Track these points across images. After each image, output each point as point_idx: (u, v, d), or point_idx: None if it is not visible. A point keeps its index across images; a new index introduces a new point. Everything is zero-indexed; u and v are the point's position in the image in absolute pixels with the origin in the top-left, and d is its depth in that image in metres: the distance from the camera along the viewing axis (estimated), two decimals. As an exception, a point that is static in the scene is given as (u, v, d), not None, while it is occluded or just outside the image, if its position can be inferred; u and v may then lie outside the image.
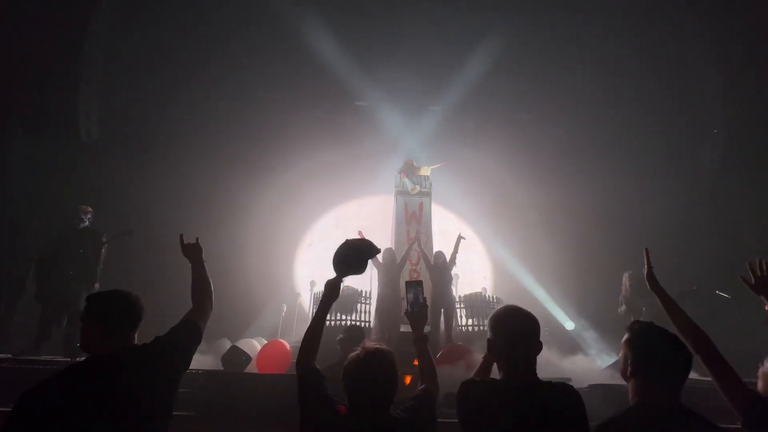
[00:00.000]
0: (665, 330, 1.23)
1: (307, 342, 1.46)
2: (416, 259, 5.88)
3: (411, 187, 6.36)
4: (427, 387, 1.44)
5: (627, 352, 1.23)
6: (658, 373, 1.17)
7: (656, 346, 1.19)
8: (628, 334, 1.26)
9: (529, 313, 1.30)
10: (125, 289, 1.46)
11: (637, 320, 1.30)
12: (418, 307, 1.62)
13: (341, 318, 5.29)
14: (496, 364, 1.34)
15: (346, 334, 2.59)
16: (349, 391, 1.25)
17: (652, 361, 1.17)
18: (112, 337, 1.34)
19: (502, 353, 1.27)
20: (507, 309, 1.34)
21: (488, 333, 1.33)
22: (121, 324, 1.38)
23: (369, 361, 1.25)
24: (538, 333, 1.27)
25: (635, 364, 1.19)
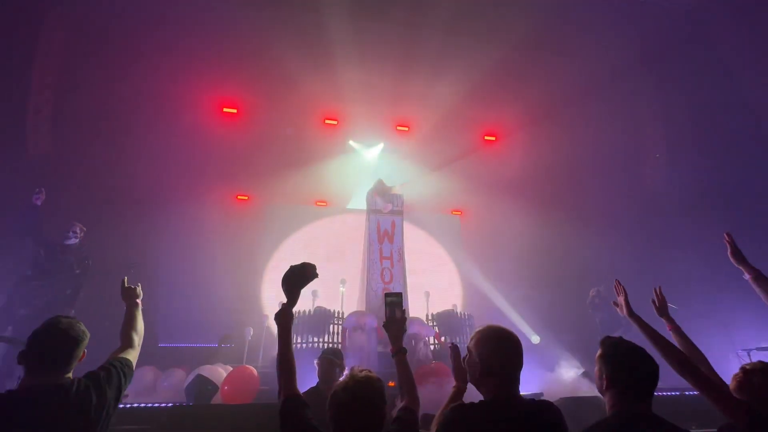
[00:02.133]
0: (634, 344, 1.33)
1: (281, 373, 1.38)
2: (389, 278, 5.89)
3: (383, 206, 6.42)
4: (408, 404, 1.41)
5: (602, 367, 1.31)
6: (631, 385, 1.25)
7: (628, 359, 1.28)
8: (601, 349, 1.35)
9: (511, 331, 1.33)
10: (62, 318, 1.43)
11: (608, 335, 1.39)
12: (397, 321, 1.60)
13: (314, 340, 5.14)
14: (475, 386, 1.33)
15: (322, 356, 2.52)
16: (335, 419, 1.20)
17: (624, 374, 1.26)
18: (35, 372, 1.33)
19: (489, 373, 1.27)
20: (492, 329, 1.35)
21: (469, 354, 1.34)
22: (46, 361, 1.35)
23: (354, 387, 1.20)
24: (521, 350, 1.31)
25: (610, 378, 1.27)
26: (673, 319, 1.84)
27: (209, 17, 6.68)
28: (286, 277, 1.51)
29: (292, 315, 1.49)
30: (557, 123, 8.29)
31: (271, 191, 8.56)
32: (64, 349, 1.34)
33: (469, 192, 9.01)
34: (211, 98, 7.72)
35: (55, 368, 1.33)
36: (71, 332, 1.37)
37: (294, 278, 1.50)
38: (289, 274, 1.51)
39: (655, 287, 1.93)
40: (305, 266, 1.53)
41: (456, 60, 7.45)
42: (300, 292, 1.51)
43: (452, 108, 8.11)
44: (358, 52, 7.24)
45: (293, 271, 1.52)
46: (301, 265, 1.53)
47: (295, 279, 1.50)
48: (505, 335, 1.32)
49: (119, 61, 6.64)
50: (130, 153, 6.93)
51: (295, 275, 1.51)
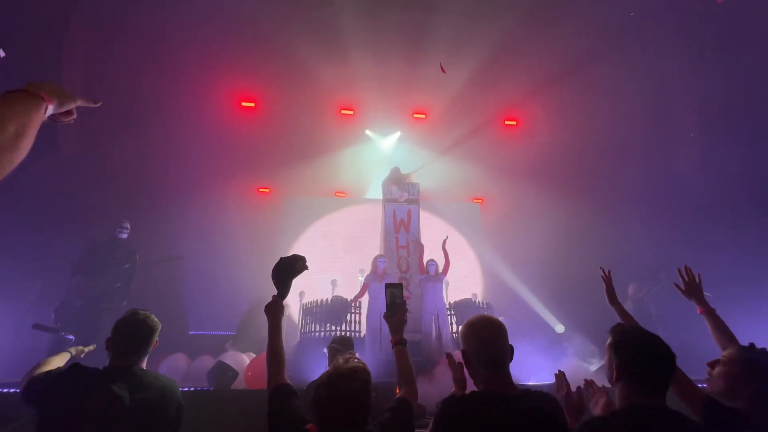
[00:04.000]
0: (648, 332, 1.24)
1: (270, 363, 1.40)
2: (406, 267, 5.88)
3: (399, 195, 6.38)
4: (404, 395, 1.40)
5: (612, 356, 1.23)
6: (643, 377, 1.17)
7: (640, 348, 1.19)
8: (611, 337, 1.26)
9: (497, 319, 1.31)
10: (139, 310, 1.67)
11: (619, 323, 1.31)
12: (396, 310, 1.58)
13: (332, 329, 5.23)
14: (471, 377, 1.31)
15: (330, 345, 2.56)
16: (317, 412, 1.18)
17: (636, 364, 1.17)
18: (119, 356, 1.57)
19: (475, 363, 1.24)
20: (472, 319, 1.33)
21: (461, 344, 1.32)
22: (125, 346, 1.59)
23: (335, 381, 1.18)
24: (506, 338, 1.26)
25: (621, 368, 1.19)
26: (705, 302, 1.70)
27: (226, 17, 6.77)
28: (275, 269, 1.51)
29: (282, 307, 1.49)
30: (583, 102, 7.89)
31: (291, 183, 8.70)
32: (142, 337, 1.59)
33: (490, 179, 8.80)
34: (230, 93, 7.86)
35: (135, 352, 1.58)
36: (148, 322, 1.62)
37: (283, 270, 1.50)
38: (279, 266, 1.51)
39: (682, 266, 1.80)
40: (295, 258, 1.53)
41: (472, 42, 7.20)
42: (290, 283, 1.51)
43: (470, 93, 7.89)
44: (372, 40, 7.14)
45: (282, 263, 1.51)
46: (291, 257, 1.53)
47: (284, 271, 1.50)
48: (484, 323, 1.28)
49: (142, 62, 6.86)
50: (155, 150, 7.20)
51: (284, 267, 1.51)
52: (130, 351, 1.56)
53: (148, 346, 1.61)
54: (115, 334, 1.58)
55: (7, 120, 0.55)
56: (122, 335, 1.58)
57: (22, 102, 0.60)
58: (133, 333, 1.58)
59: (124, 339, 1.57)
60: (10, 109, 0.57)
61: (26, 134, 0.57)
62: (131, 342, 1.57)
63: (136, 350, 1.58)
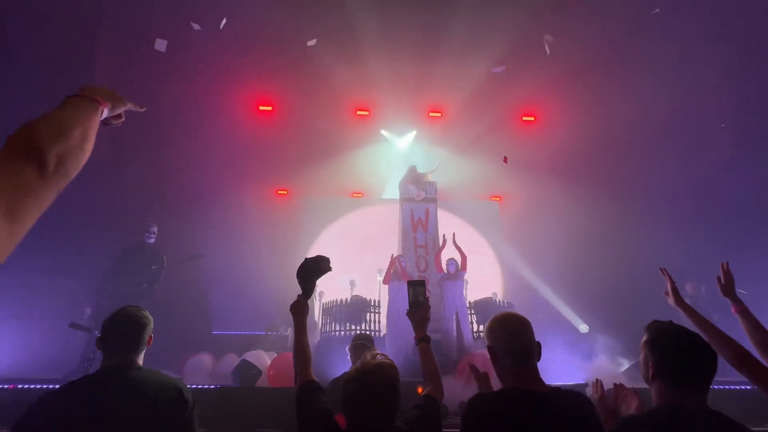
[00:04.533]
0: (685, 328, 1.18)
1: (297, 361, 1.42)
2: (424, 266, 5.85)
3: (416, 194, 6.35)
4: (430, 393, 1.39)
5: (647, 354, 1.19)
6: (681, 375, 1.12)
7: (678, 346, 1.15)
8: (647, 334, 1.22)
9: (521, 316, 1.31)
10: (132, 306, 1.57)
11: (655, 320, 1.25)
12: (419, 308, 1.58)
13: (352, 328, 5.26)
14: (498, 375, 1.30)
15: (353, 343, 2.59)
16: (347, 407, 1.20)
17: (674, 362, 1.13)
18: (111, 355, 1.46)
19: (504, 357, 1.23)
20: (497, 316, 1.33)
21: (486, 341, 1.32)
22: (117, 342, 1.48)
23: (363, 376, 1.19)
24: (532, 333, 1.26)
25: (657, 366, 1.15)
26: (740, 300, 1.62)
27: (242, 24, 6.92)
28: (300, 270, 1.53)
29: (307, 306, 1.52)
30: (605, 96, 7.64)
31: (308, 184, 8.80)
32: (131, 333, 1.48)
33: (508, 177, 8.65)
34: (248, 98, 8.03)
35: (126, 350, 1.47)
36: (135, 317, 1.51)
37: (308, 270, 1.53)
38: (303, 267, 1.53)
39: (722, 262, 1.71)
40: (319, 259, 1.55)
41: (488, 37, 7.10)
42: (314, 283, 1.54)
43: (487, 89, 7.79)
44: (386, 40, 7.16)
45: (307, 263, 1.54)
46: (315, 258, 1.55)
47: (308, 271, 1.52)
48: (509, 317, 1.29)
49: (163, 71, 7.10)
50: (178, 155, 7.42)
51: (309, 268, 1.53)
52: (121, 349, 1.46)
53: (141, 342, 1.49)
54: (104, 333, 1.48)
55: (74, 124, 0.58)
56: (111, 333, 1.47)
57: (83, 106, 0.63)
58: (122, 330, 1.48)
59: (113, 337, 1.47)
60: (75, 114, 0.60)
61: (89, 137, 0.61)
62: (121, 340, 1.47)
63: (127, 348, 1.46)
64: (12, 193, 0.44)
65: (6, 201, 0.42)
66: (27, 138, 0.51)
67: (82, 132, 0.58)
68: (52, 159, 0.51)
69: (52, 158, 0.51)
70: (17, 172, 0.46)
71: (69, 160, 0.54)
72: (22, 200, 0.45)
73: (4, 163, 0.47)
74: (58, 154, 0.52)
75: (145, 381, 1.40)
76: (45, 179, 0.49)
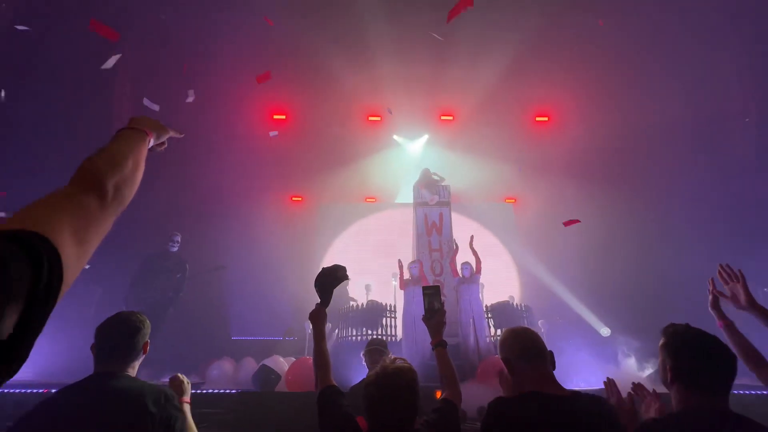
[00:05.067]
0: (703, 331, 1.16)
1: (317, 368, 1.46)
2: (439, 271, 5.82)
3: (430, 198, 6.35)
4: (448, 396, 1.40)
5: (665, 358, 1.17)
6: (700, 378, 1.10)
7: (696, 349, 1.13)
8: (664, 338, 1.20)
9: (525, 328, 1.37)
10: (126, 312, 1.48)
11: (672, 323, 1.23)
12: (435, 313, 1.59)
13: (368, 333, 5.27)
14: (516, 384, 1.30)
15: (368, 348, 2.62)
16: (368, 411, 1.22)
17: (692, 365, 1.11)
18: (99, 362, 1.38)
19: (519, 363, 1.26)
20: (508, 329, 1.40)
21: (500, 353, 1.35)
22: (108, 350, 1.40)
23: (383, 380, 1.21)
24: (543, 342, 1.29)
25: (675, 370, 1.13)
26: (724, 315, 1.54)
27: (255, 35, 7.11)
28: (318, 279, 1.57)
29: (325, 315, 1.55)
30: (620, 92, 7.47)
31: (322, 191, 8.91)
32: (122, 339, 1.39)
33: (522, 178, 8.56)
34: (262, 107, 8.21)
35: (117, 357, 1.38)
36: (130, 322, 1.42)
37: (325, 280, 1.56)
38: (321, 276, 1.57)
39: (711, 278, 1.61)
40: (336, 268, 1.58)
41: (500, 38, 7.06)
42: (332, 292, 1.57)
43: (498, 90, 7.74)
44: (396, 44, 7.21)
45: (324, 273, 1.57)
46: (332, 267, 1.59)
47: (325, 280, 1.56)
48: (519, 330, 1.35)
49: (181, 87, 7.36)
50: (197, 166, 7.64)
51: (326, 277, 1.56)
52: (109, 356, 1.37)
53: (132, 349, 1.39)
54: (96, 338, 1.39)
55: (127, 155, 0.64)
56: (101, 338, 1.39)
57: (133, 138, 0.70)
58: (113, 335, 1.39)
59: (104, 342, 1.38)
60: (127, 146, 0.67)
61: (140, 165, 0.67)
62: (111, 346, 1.38)
63: (116, 355, 1.37)
64: (80, 221, 0.49)
65: (75, 228, 0.47)
66: (88, 171, 0.57)
67: (134, 162, 0.65)
68: (110, 188, 0.57)
69: (110, 188, 0.57)
70: (82, 202, 0.52)
71: (124, 188, 0.60)
72: (88, 227, 0.50)
73: (71, 195, 0.52)
74: (115, 184, 0.58)
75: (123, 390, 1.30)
76: (105, 207, 0.55)
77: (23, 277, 0.36)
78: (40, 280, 0.38)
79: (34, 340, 0.37)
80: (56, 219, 0.46)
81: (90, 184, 0.55)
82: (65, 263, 0.42)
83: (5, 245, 0.37)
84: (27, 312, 0.36)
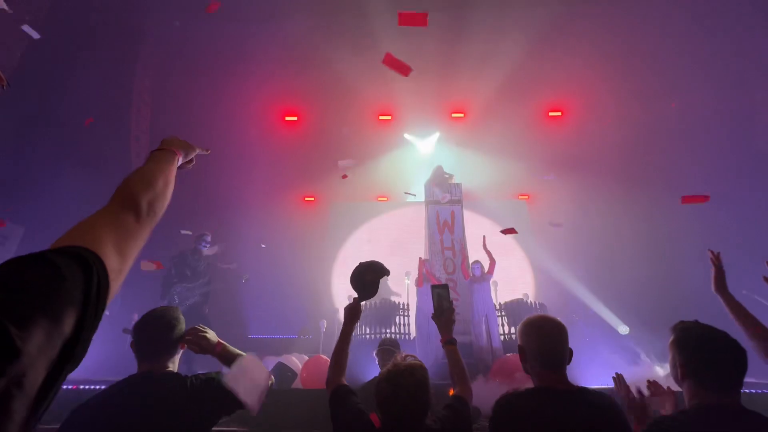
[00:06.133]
0: (713, 327, 1.16)
1: (334, 363, 1.48)
2: (452, 269, 5.82)
3: (441, 196, 6.34)
4: (459, 393, 1.42)
5: (675, 355, 1.18)
6: (711, 374, 1.10)
7: (705, 345, 1.13)
8: (673, 334, 1.20)
9: (558, 320, 1.30)
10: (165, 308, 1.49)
11: (681, 320, 1.23)
12: (445, 311, 1.61)
13: (381, 331, 5.32)
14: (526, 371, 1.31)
15: (380, 347, 2.66)
16: (380, 407, 1.25)
17: (701, 361, 1.11)
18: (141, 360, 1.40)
19: (533, 360, 1.25)
20: (530, 318, 1.34)
21: (518, 340, 1.34)
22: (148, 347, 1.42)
23: (395, 377, 1.23)
24: (566, 340, 1.25)
25: (685, 367, 1.14)
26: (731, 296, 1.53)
27: (266, 39, 7.22)
28: (355, 274, 1.58)
29: (359, 310, 1.57)
30: (637, 85, 7.29)
31: (334, 190, 8.98)
32: (159, 336, 1.41)
33: (536, 175, 8.44)
34: (274, 109, 8.34)
35: (157, 354, 1.40)
36: (164, 319, 1.43)
37: (364, 275, 1.57)
38: (359, 272, 1.58)
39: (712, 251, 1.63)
40: (373, 263, 1.59)
41: (511, 33, 6.98)
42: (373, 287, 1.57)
43: (510, 87, 7.65)
44: (406, 41, 7.20)
45: (362, 268, 1.58)
46: (370, 262, 1.59)
47: (365, 275, 1.57)
48: (544, 322, 1.29)
49: (196, 89, 7.53)
50: (210, 169, 7.81)
51: (365, 272, 1.57)
52: (149, 353, 1.40)
53: (169, 345, 1.41)
54: (134, 337, 1.42)
55: (158, 174, 0.72)
56: (139, 337, 1.41)
57: (163, 158, 0.78)
58: (149, 333, 1.41)
59: (142, 341, 1.41)
60: (158, 166, 0.75)
61: (170, 183, 0.74)
62: (149, 343, 1.41)
63: (154, 352, 1.39)
64: (120, 236, 0.55)
65: (116, 242, 0.53)
66: (125, 191, 0.64)
67: (165, 180, 0.72)
68: (144, 205, 0.63)
69: (144, 205, 0.63)
70: (121, 219, 0.59)
71: (156, 204, 0.67)
72: (127, 240, 0.56)
73: (111, 213, 0.59)
74: (149, 201, 0.64)
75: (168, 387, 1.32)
76: (140, 222, 0.62)
77: (78, 285, 0.42)
78: (91, 287, 0.43)
79: (90, 338, 0.43)
80: (100, 235, 0.52)
81: (127, 203, 0.62)
82: (110, 273, 0.48)
83: (62, 259, 0.43)
84: (82, 315, 0.42)
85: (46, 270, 0.41)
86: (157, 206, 0.66)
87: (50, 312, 0.38)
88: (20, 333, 0.34)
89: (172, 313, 1.47)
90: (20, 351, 0.34)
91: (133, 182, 0.66)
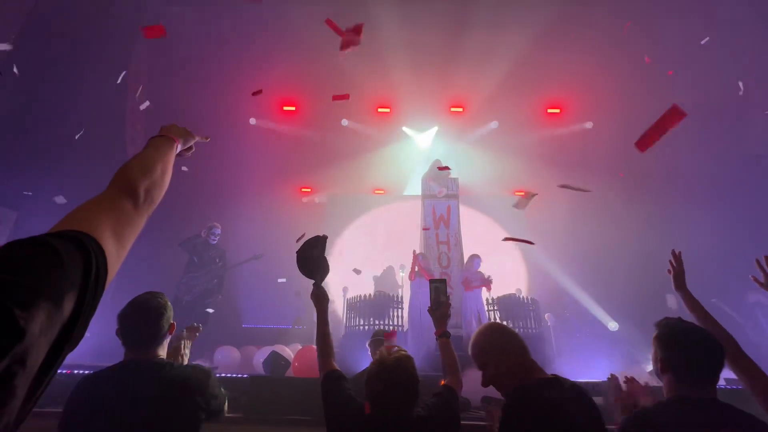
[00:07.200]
0: (694, 325, 1.23)
1: (320, 348, 1.52)
2: (446, 263, 5.87)
3: (437, 191, 6.36)
4: (449, 383, 1.46)
5: (657, 350, 1.23)
6: (689, 369, 1.15)
7: (685, 341, 1.18)
8: (657, 330, 1.25)
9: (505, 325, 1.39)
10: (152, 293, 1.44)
11: (666, 317, 1.28)
12: (440, 305, 1.65)
13: (375, 323, 5.37)
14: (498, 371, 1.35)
15: (373, 338, 2.72)
16: (370, 396, 1.28)
17: (681, 356, 1.16)
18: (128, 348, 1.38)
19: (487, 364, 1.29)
20: (484, 327, 1.38)
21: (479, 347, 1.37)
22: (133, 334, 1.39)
23: (384, 373, 1.26)
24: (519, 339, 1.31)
25: (665, 361, 1.19)
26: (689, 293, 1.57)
27: (266, 28, 7.13)
28: (299, 261, 1.60)
29: (325, 293, 1.59)
30: (635, 82, 7.29)
31: (331, 182, 8.97)
32: (147, 324, 1.36)
33: (532, 171, 8.47)
34: (272, 99, 8.27)
35: (143, 341, 1.37)
36: (150, 307, 1.38)
37: (307, 255, 1.59)
38: (301, 257, 1.60)
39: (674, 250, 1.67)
40: (310, 244, 1.59)
41: (511, 28, 6.94)
42: (323, 266, 1.58)
43: (509, 83, 7.64)
44: (407, 35, 7.15)
45: (304, 250, 1.59)
46: (308, 240, 1.60)
47: (309, 255, 1.59)
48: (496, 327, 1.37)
49: (192, 79, 7.44)
50: (205, 158, 7.76)
51: (307, 252, 1.59)
52: (138, 340, 1.36)
53: (157, 331, 1.36)
54: (120, 324, 1.37)
55: (156, 162, 0.71)
56: (126, 326, 1.36)
57: (162, 145, 0.78)
58: (137, 322, 1.36)
59: (129, 327, 1.36)
60: (156, 153, 0.74)
61: (168, 170, 0.74)
62: (136, 330, 1.36)
63: (142, 339, 1.35)
64: (118, 221, 0.56)
65: (114, 228, 0.54)
66: (123, 177, 0.64)
67: (163, 167, 0.72)
68: (142, 192, 0.64)
69: (142, 192, 0.64)
70: (119, 205, 0.59)
71: (154, 191, 0.67)
72: (125, 226, 0.57)
73: (109, 199, 0.59)
74: (146, 188, 0.65)
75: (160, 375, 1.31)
76: (138, 208, 0.62)
77: (77, 269, 0.43)
78: (90, 271, 0.44)
79: (88, 321, 0.44)
80: (99, 220, 0.53)
81: (125, 189, 0.62)
82: (108, 257, 0.49)
83: (62, 242, 0.44)
84: (81, 298, 0.43)
85: (46, 254, 0.41)
86: (155, 194, 0.67)
87: (51, 295, 0.39)
88: (23, 314, 0.35)
89: (159, 301, 1.42)
90: (24, 331, 0.35)
91: (131, 169, 0.65)
